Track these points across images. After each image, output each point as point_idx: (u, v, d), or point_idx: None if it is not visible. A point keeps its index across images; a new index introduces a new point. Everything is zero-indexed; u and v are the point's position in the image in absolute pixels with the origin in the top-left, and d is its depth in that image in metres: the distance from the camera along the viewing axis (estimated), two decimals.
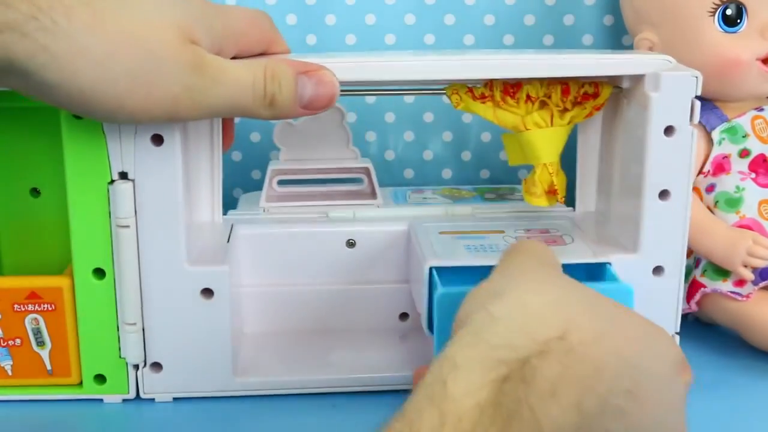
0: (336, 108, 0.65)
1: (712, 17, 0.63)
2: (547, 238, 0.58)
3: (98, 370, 0.55)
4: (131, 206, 0.52)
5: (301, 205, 0.64)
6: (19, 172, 0.59)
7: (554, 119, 0.56)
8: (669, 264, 0.56)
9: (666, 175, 0.54)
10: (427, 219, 0.62)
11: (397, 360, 0.59)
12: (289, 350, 0.60)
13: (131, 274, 0.53)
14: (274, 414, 0.56)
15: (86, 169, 0.52)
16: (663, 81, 0.53)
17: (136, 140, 0.52)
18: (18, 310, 0.54)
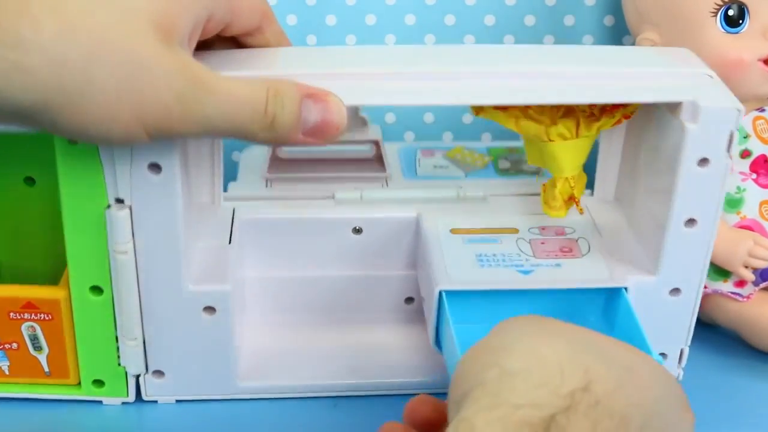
0: None
1: (714, 18, 0.60)
2: (562, 243, 0.56)
3: (97, 376, 0.55)
4: (128, 233, 0.50)
5: (304, 176, 0.61)
6: (13, 161, 0.55)
7: (580, 129, 0.53)
8: (687, 286, 0.54)
9: (695, 204, 0.51)
10: (437, 203, 0.59)
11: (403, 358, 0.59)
12: (294, 349, 0.59)
13: (131, 296, 0.51)
14: (277, 416, 0.55)
15: (82, 194, 0.49)
16: (702, 113, 0.49)
17: (133, 168, 0.48)
18: (14, 318, 0.53)
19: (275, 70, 0.48)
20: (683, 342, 0.56)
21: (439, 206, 0.59)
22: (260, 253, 0.59)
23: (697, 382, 0.58)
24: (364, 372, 0.57)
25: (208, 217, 0.58)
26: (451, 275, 0.53)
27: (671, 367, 0.57)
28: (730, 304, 0.61)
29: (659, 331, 0.55)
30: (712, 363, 0.61)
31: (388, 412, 0.53)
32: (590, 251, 0.56)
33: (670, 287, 0.54)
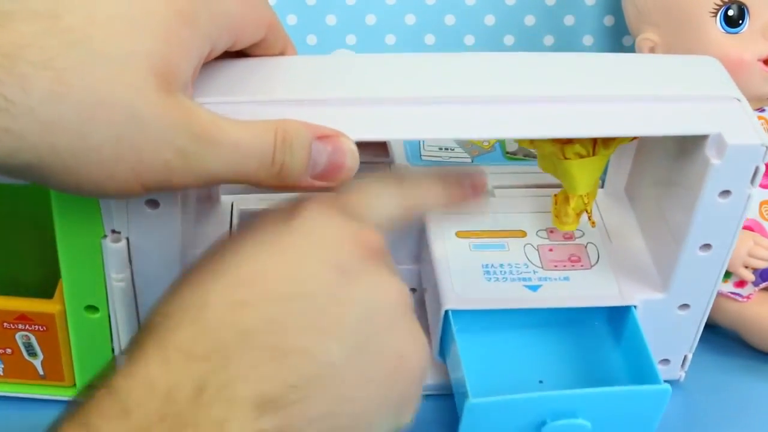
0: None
1: (714, 18, 0.60)
2: (571, 251, 0.55)
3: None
4: (125, 263, 0.48)
5: None
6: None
7: (597, 148, 0.51)
8: (697, 302, 0.54)
9: (713, 232, 0.50)
10: None
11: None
12: None
13: (129, 317, 0.50)
14: None
15: (78, 225, 0.47)
16: (728, 150, 0.46)
17: (130, 204, 0.46)
18: (8, 328, 0.52)
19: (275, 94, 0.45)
20: (687, 349, 0.56)
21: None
22: None
23: (698, 382, 0.59)
24: None
25: (207, 216, 0.56)
26: (458, 292, 0.52)
27: (673, 371, 0.57)
28: (730, 304, 0.61)
29: (665, 341, 0.55)
30: (713, 363, 0.61)
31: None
32: (599, 261, 0.55)
33: (679, 303, 0.54)
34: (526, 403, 0.48)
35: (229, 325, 0.35)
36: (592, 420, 0.49)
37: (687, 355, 0.57)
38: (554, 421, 0.48)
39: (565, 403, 0.48)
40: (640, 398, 0.49)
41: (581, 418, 0.48)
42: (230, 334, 0.35)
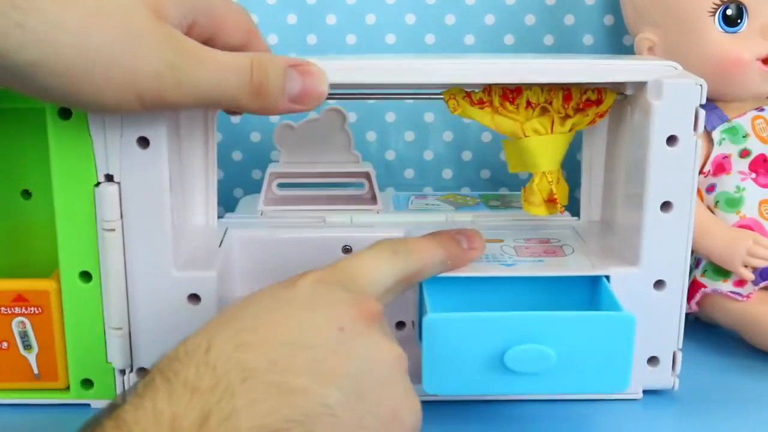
0: (337, 111, 0.65)
1: (712, 17, 0.63)
2: (546, 248, 0.58)
3: (85, 374, 0.56)
4: (117, 209, 0.52)
5: (298, 209, 0.64)
6: (9, 173, 0.59)
7: (555, 126, 0.56)
8: (671, 278, 0.55)
9: (668, 186, 0.53)
10: (425, 226, 0.61)
11: None
12: None
13: (117, 278, 0.54)
14: None
15: (72, 171, 0.52)
16: (665, 89, 0.52)
17: (122, 142, 0.52)
18: (4, 313, 0.55)
19: None
20: (675, 344, 0.56)
21: (428, 228, 0.61)
22: (250, 271, 0.61)
23: (697, 382, 0.59)
24: None
25: (199, 233, 0.60)
26: None
27: (664, 374, 0.57)
28: (730, 304, 0.62)
29: (648, 333, 0.55)
30: (712, 363, 0.60)
31: None
32: (574, 252, 0.57)
33: (653, 279, 0.55)
34: (487, 323, 0.49)
35: (233, 363, 0.39)
36: (556, 348, 0.49)
37: (676, 354, 0.56)
38: (516, 346, 0.48)
39: (527, 325, 0.49)
40: (603, 325, 0.49)
41: (544, 345, 0.49)
42: (234, 371, 0.38)
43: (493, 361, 0.49)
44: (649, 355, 0.56)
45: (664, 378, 0.57)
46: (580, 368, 0.49)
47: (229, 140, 0.79)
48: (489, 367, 0.49)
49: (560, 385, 0.50)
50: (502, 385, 0.50)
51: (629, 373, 0.50)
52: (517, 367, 0.49)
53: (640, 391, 0.57)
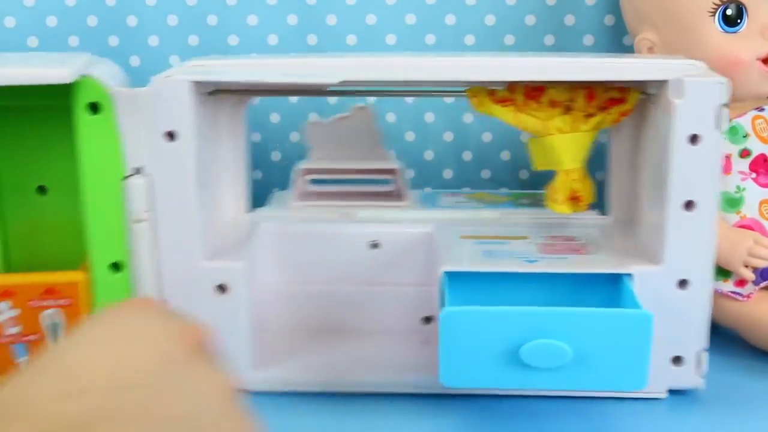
0: (366, 108, 0.66)
1: (712, 17, 0.63)
2: (571, 246, 0.58)
3: None
4: (146, 201, 0.55)
5: (328, 204, 0.66)
6: (26, 170, 0.61)
7: (578, 124, 0.56)
8: (695, 277, 0.55)
9: (691, 185, 0.54)
10: (451, 222, 0.63)
11: (418, 363, 0.60)
12: (312, 349, 0.62)
13: (147, 267, 0.56)
14: (293, 411, 0.57)
15: (102, 165, 0.54)
16: (687, 87, 0.52)
17: (150, 136, 0.54)
18: (35, 306, 0.57)
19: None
20: (699, 344, 0.57)
21: (455, 223, 0.63)
22: (279, 264, 0.63)
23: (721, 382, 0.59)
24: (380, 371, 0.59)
25: (229, 226, 0.62)
26: (455, 258, 0.56)
27: (689, 373, 0.57)
28: (730, 304, 0.62)
29: (672, 332, 0.56)
30: (712, 363, 0.59)
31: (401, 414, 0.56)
32: (598, 251, 0.58)
33: (676, 278, 0.55)
34: (503, 317, 0.50)
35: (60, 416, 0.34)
36: (572, 344, 0.49)
37: (701, 354, 0.57)
38: (532, 340, 0.49)
39: (542, 320, 0.50)
40: (619, 322, 0.50)
41: (560, 340, 0.49)
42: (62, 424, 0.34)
43: (509, 355, 0.50)
44: (674, 354, 0.57)
45: (689, 378, 0.57)
46: (596, 365, 0.50)
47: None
48: (505, 362, 0.50)
49: (577, 382, 0.51)
50: (518, 379, 0.51)
51: (646, 371, 0.50)
52: (533, 362, 0.50)
53: (664, 390, 0.57)
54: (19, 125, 0.60)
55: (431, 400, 0.57)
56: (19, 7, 0.79)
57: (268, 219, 0.64)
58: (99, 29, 0.79)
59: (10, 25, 0.79)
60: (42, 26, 0.79)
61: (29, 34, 0.79)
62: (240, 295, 0.56)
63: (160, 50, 0.79)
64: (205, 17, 0.79)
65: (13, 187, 0.61)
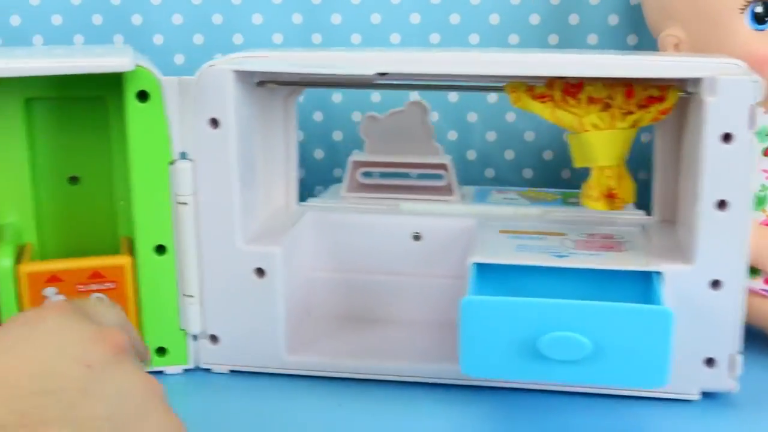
0: (419, 104, 0.68)
1: (742, 14, 0.62)
2: (607, 243, 0.59)
3: (159, 342, 0.61)
4: (190, 185, 0.57)
5: (376, 196, 0.68)
6: (58, 160, 0.63)
7: (615, 122, 0.57)
8: (728, 278, 0.55)
9: (724, 184, 0.53)
10: (494, 218, 0.64)
11: (449, 354, 0.60)
12: (348, 335, 0.64)
13: (190, 249, 0.59)
14: (325, 395, 0.59)
15: (149, 150, 0.57)
16: (720, 86, 0.52)
17: (196, 123, 0.56)
18: (81, 290, 0.59)
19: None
20: (733, 346, 0.56)
21: (497, 218, 0.64)
22: (321, 251, 0.65)
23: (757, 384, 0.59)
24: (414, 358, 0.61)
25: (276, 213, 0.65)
26: (487, 251, 0.57)
27: (722, 376, 0.57)
28: (760, 302, 0.62)
29: (704, 333, 0.56)
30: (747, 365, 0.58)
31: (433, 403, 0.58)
32: (633, 248, 0.58)
33: (709, 278, 0.55)
34: (522, 308, 0.51)
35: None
36: (592, 338, 0.50)
37: (735, 356, 0.56)
38: (551, 332, 0.50)
39: (562, 312, 0.50)
40: (638, 318, 0.50)
41: (579, 333, 0.50)
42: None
43: (527, 346, 0.51)
44: (706, 356, 0.56)
45: (722, 380, 0.57)
46: (615, 360, 0.50)
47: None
48: (523, 353, 0.51)
49: (595, 376, 0.51)
50: (536, 371, 0.51)
51: (667, 369, 0.50)
52: (552, 354, 0.50)
53: (697, 392, 0.57)
54: (53, 116, 0.62)
55: (458, 391, 0.59)
56: (24, 5, 0.82)
57: (316, 208, 0.66)
58: (104, 27, 0.82)
59: (16, 23, 0.82)
60: (47, 24, 0.82)
61: (34, 32, 0.82)
62: (277, 280, 0.58)
63: (165, 49, 0.81)
64: (210, 16, 0.81)
65: (46, 177, 0.63)
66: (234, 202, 0.58)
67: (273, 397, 0.58)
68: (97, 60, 0.54)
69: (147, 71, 0.56)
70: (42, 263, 0.59)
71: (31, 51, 0.59)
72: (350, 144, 0.81)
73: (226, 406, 0.57)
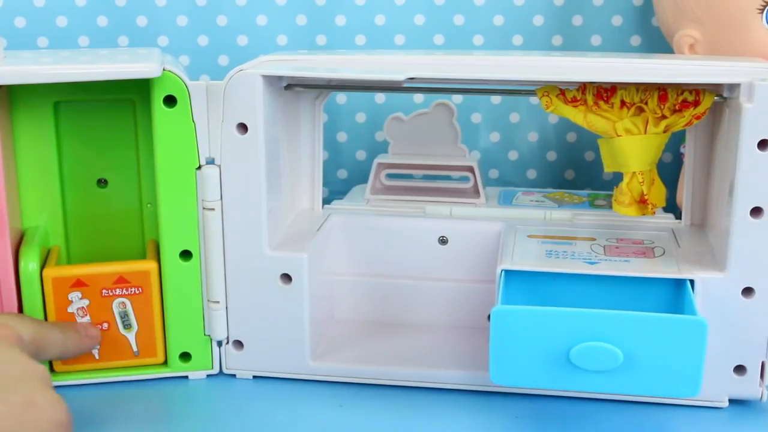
0: (445, 105, 0.68)
1: (760, 14, 0.63)
2: (637, 249, 0.59)
3: (184, 348, 0.61)
4: (217, 190, 0.58)
5: (402, 199, 0.68)
6: (86, 163, 0.63)
7: (648, 127, 0.57)
8: (760, 286, 0.55)
9: (759, 191, 0.53)
10: (522, 221, 0.64)
11: (475, 360, 0.61)
12: (372, 341, 0.64)
13: (216, 255, 0.59)
14: (347, 402, 0.59)
15: (176, 155, 0.57)
16: (758, 91, 0.52)
17: (223, 128, 0.57)
18: (106, 295, 0.60)
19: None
20: (763, 354, 0.56)
21: (525, 222, 0.64)
22: (347, 255, 0.66)
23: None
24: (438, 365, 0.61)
25: (302, 217, 0.65)
26: (516, 257, 0.57)
27: (751, 383, 0.57)
28: None
29: (735, 340, 0.56)
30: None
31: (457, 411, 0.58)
32: (664, 255, 0.58)
33: (741, 286, 0.55)
34: (554, 318, 0.51)
35: None
36: (624, 348, 0.50)
37: (765, 364, 0.56)
38: (583, 342, 0.50)
39: (594, 322, 0.50)
40: (672, 328, 0.50)
41: (611, 343, 0.50)
42: None
43: (559, 356, 0.51)
44: (736, 363, 0.56)
45: (752, 388, 0.57)
46: (648, 370, 0.51)
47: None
48: (555, 362, 0.51)
49: (628, 386, 0.52)
50: (568, 381, 0.52)
51: (700, 379, 0.51)
52: (583, 365, 0.51)
53: (725, 399, 0.58)
54: (81, 119, 0.62)
55: (482, 397, 0.59)
56: (29, 7, 0.82)
57: (341, 211, 0.66)
58: (109, 29, 0.82)
59: (21, 25, 0.82)
60: (52, 26, 0.82)
61: (39, 34, 0.83)
62: (303, 286, 0.59)
63: (170, 50, 0.82)
64: (215, 18, 0.82)
65: (74, 180, 0.63)
66: (261, 207, 0.58)
67: (296, 403, 0.59)
68: (124, 66, 0.54)
69: (175, 76, 0.56)
70: (67, 268, 0.59)
71: (58, 56, 0.59)
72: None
73: (249, 412, 0.58)
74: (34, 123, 0.61)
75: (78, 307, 0.59)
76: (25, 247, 0.58)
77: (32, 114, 0.60)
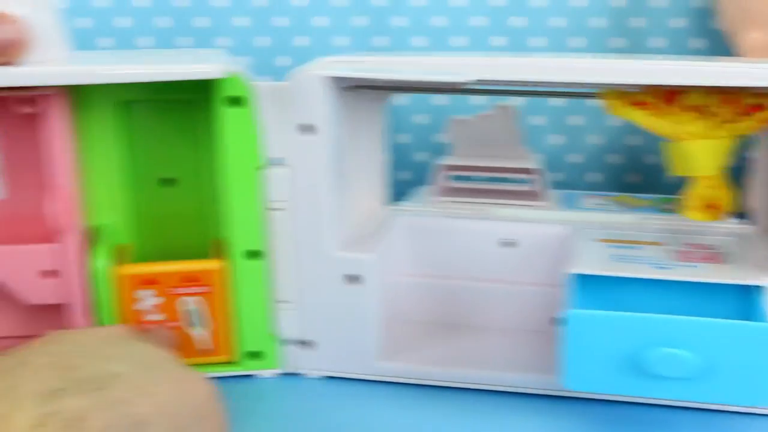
0: (508, 107, 0.68)
1: None
2: (706, 254, 0.59)
3: (253, 347, 0.62)
4: (285, 190, 0.58)
5: (465, 201, 0.68)
6: (153, 162, 0.64)
7: (714, 130, 0.56)
8: None
9: None
10: (588, 225, 0.64)
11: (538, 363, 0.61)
12: (437, 342, 0.64)
13: (286, 255, 0.60)
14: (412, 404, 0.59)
15: (241, 155, 0.58)
16: None
17: (289, 128, 0.57)
18: (174, 294, 0.60)
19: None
20: None
21: (591, 225, 0.64)
22: (411, 256, 0.66)
23: None
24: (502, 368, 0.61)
25: (367, 218, 0.66)
26: (585, 261, 0.57)
27: None
28: None
29: None
30: None
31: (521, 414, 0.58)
32: (734, 260, 0.58)
33: None
34: (629, 323, 0.51)
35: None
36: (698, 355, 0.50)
37: None
38: (659, 348, 0.50)
39: (668, 328, 0.51)
40: (745, 335, 0.50)
41: (686, 350, 0.50)
42: None
43: (633, 362, 0.51)
44: None
45: None
46: (722, 377, 0.51)
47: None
48: (629, 368, 0.51)
49: (702, 393, 0.51)
50: (641, 387, 0.52)
51: None
52: (658, 371, 0.51)
53: None
54: (148, 118, 0.63)
55: (548, 401, 0.59)
56: (91, 8, 0.83)
57: (404, 213, 0.67)
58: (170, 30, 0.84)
59: (83, 26, 0.84)
60: (113, 27, 0.84)
61: (101, 35, 0.84)
62: (371, 287, 0.59)
63: (230, 51, 0.80)
64: (274, 19, 0.83)
65: (142, 178, 0.64)
66: (327, 208, 0.58)
67: (363, 403, 0.59)
68: (192, 67, 0.55)
69: (239, 77, 0.57)
70: (137, 266, 0.60)
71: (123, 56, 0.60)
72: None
73: (317, 411, 0.58)
74: (102, 122, 0.62)
75: (150, 304, 0.60)
76: (96, 245, 0.59)
77: (100, 113, 0.62)
